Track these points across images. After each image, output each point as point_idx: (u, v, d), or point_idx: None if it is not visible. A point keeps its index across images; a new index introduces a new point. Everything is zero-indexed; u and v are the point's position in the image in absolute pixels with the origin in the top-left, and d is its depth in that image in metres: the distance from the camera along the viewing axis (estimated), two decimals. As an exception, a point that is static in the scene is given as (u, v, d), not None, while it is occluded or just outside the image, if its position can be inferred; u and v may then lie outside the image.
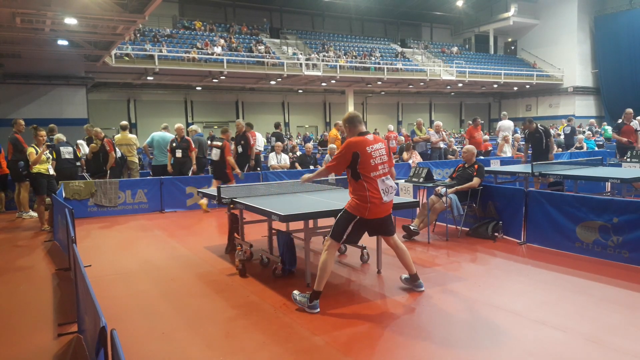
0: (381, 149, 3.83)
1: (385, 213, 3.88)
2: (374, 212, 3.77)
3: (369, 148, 3.75)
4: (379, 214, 3.82)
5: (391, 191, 3.85)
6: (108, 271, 5.00)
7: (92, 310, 2.26)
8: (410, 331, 3.32)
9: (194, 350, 3.13)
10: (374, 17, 32.09)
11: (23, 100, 16.09)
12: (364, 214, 3.76)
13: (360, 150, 3.71)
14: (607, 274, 4.41)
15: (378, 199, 3.76)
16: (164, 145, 9.31)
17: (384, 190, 3.79)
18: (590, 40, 31.71)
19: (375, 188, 3.75)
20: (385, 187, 3.80)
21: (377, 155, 3.78)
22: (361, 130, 3.85)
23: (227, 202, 5.02)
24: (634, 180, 6.34)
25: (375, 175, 3.76)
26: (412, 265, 4.09)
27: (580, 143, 13.42)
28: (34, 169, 7.16)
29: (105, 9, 10.71)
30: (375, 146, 3.79)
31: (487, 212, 6.12)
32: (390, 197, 3.86)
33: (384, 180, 3.81)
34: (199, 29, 25.23)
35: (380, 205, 3.79)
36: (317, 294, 3.72)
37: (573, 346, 3.05)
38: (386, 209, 3.88)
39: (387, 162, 3.88)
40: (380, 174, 3.79)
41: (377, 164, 3.77)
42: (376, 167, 3.77)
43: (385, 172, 3.84)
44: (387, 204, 3.86)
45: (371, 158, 3.74)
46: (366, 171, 3.73)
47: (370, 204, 3.75)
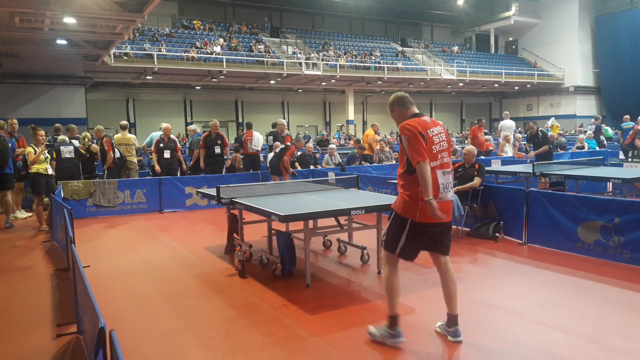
0: (442, 134, 3.13)
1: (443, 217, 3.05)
2: (427, 213, 2.98)
3: (431, 131, 3.06)
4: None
5: (449, 188, 3.12)
6: (107, 271, 4.98)
7: (91, 311, 2.25)
8: (411, 331, 3.30)
9: (193, 351, 3.11)
10: (374, 16, 32.05)
11: (22, 100, 16.07)
12: (414, 216, 3.02)
13: (424, 132, 3.03)
14: (608, 274, 4.40)
15: (435, 196, 2.99)
16: None
17: (443, 185, 3.06)
18: (591, 39, 31.69)
19: (434, 181, 3.00)
20: (445, 181, 3.08)
21: (439, 141, 3.09)
22: (416, 112, 3.21)
23: (227, 202, 5.00)
24: (635, 180, 6.31)
25: (435, 165, 3.04)
26: (456, 303, 3.16)
27: (581, 143, 13.40)
28: (32, 168, 7.13)
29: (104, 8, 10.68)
30: (435, 130, 3.10)
31: (488, 213, 6.10)
32: (447, 196, 3.10)
33: (444, 172, 3.09)
34: (198, 28, 25.20)
35: (439, 205, 2.99)
36: (394, 319, 3.09)
37: (574, 346, 3.04)
38: (444, 212, 3.05)
39: (448, 151, 3.17)
40: (440, 164, 3.07)
41: (438, 152, 3.07)
42: (436, 156, 3.06)
43: (447, 164, 3.13)
44: (445, 203, 3.08)
45: (433, 144, 3.05)
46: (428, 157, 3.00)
47: (421, 204, 2.99)
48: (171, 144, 9.02)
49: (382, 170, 10.48)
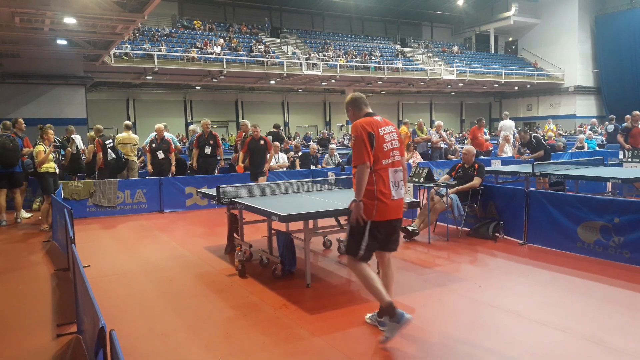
0: (393, 133, 3.21)
1: (395, 215, 3.20)
2: (383, 212, 3.09)
3: (381, 130, 3.14)
4: (388, 215, 3.14)
5: (401, 186, 3.21)
6: (107, 271, 4.98)
7: (91, 311, 2.25)
8: (411, 331, 3.30)
9: (193, 351, 3.11)
10: (374, 17, 32.06)
11: (22, 100, 16.07)
12: (371, 215, 3.10)
13: (374, 131, 3.10)
14: (608, 274, 4.40)
15: (387, 195, 3.09)
16: None
17: (393, 183, 3.15)
18: (591, 39, 31.69)
19: (385, 180, 3.10)
20: (395, 179, 3.16)
21: (390, 140, 3.16)
22: (369, 112, 3.28)
23: (227, 202, 5.00)
24: (635, 180, 6.32)
25: (387, 163, 3.13)
26: (391, 291, 3.26)
27: (581, 143, 13.40)
28: (42, 168, 7.15)
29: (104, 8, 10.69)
30: (387, 129, 3.18)
31: (488, 212, 6.10)
32: (399, 194, 3.20)
33: (395, 171, 3.17)
34: (199, 29, 25.20)
35: (391, 203, 3.13)
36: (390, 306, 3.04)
37: (574, 346, 3.04)
38: (396, 210, 3.19)
39: (400, 149, 3.24)
40: (391, 162, 3.15)
41: (389, 150, 3.14)
42: (388, 154, 3.14)
43: (398, 162, 3.20)
44: (397, 201, 3.19)
45: (384, 142, 3.12)
46: (377, 158, 3.10)
47: (378, 201, 3.08)
48: (164, 145, 9.01)
49: (382, 171, 10.46)
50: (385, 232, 3.19)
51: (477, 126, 11.92)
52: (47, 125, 7.58)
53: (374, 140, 3.09)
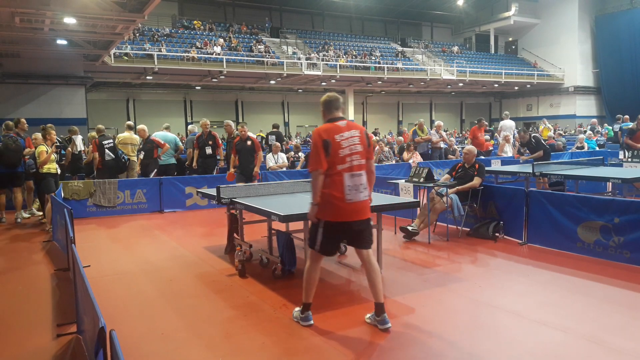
0: (354, 137, 3.29)
1: (354, 216, 3.27)
2: (337, 213, 3.24)
3: (339, 136, 3.25)
4: (344, 217, 3.25)
5: (361, 189, 3.28)
6: (107, 271, 4.98)
7: (91, 311, 2.25)
8: (411, 332, 3.31)
9: (193, 351, 3.11)
10: (374, 17, 32.07)
11: (22, 100, 16.08)
12: (325, 216, 3.26)
13: (330, 138, 3.24)
14: (608, 274, 4.40)
15: (339, 198, 3.22)
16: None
17: (350, 187, 3.24)
18: (591, 39, 31.70)
19: (339, 183, 3.22)
20: (353, 183, 3.25)
21: (347, 145, 3.26)
22: (335, 116, 3.38)
23: (227, 202, 5.00)
24: (635, 180, 6.32)
25: (342, 168, 3.24)
26: (380, 292, 3.33)
27: (581, 143, 13.41)
28: (44, 168, 7.16)
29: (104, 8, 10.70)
30: (346, 134, 3.27)
31: (488, 212, 6.10)
32: (358, 197, 3.27)
33: (353, 175, 3.25)
34: (199, 29, 25.21)
35: (345, 206, 3.23)
36: (307, 306, 3.43)
37: (574, 346, 3.04)
38: (355, 211, 3.27)
39: (361, 154, 3.30)
40: (348, 167, 3.25)
41: (345, 156, 3.24)
42: (344, 160, 3.24)
43: (357, 166, 3.27)
44: (354, 204, 3.26)
45: (340, 148, 3.23)
46: (332, 163, 3.22)
47: (329, 204, 3.24)
48: (147, 145, 8.88)
49: (382, 171, 10.48)
50: (344, 232, 3.34)
51: (477, 126, 11.93)
52: (49, 125, 7.59)
53: (329, 147, 3.22)
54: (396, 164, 11.38)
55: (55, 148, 7.44)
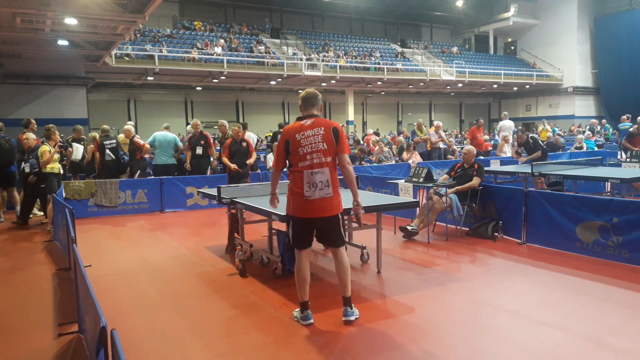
0: (317, 136, 3.31)
1: (314, 213, 3.33)
2: (298, 209, 3.35)
3: (299, 135, 3.32)
4: (305, 213, 3.34)
5: (320, 187, 3.29)
6: (108, 271, 5.00)
7: (92, 310, 2.26)
8: (410, 331, 3.32)
9: (193, 350, 3.13)
10: (374, 17, 32.09)
11: (23, 100, 16.09)
12: (290, 211, 3.42)
13: (291, 137, 3.34)
14: (607, 274, 4.41)
15: (299, 195, 3.31)
16: (165, 145, 9.27)
17: (309, 184, 3.28)
18: (590, 40, 31.71)
19: (299, 180, 3.32)
20: (312, 180, 3.29)
21: (307, 143, 3.30)
22: (306, 114, 3.43)
23: (227, 202, 5.02)
24: (633, 180, 6.34)
25: (302, 165, 3.31)
26: (347, 287, 3.46)
27: (580, 143, 13.43)
28: (46, 168, 7.18)
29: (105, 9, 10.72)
30: (308, 132, 3.31)
31: (487, 212, 6.12)
32: (317, 194, 3.30)
33: (312, 172, 3.29)
34: (199, 29, 25.24)
35: (305, 202, 3.31)
36: (304, 305, 3.47)
37: (573, 346, 3.06)
38: (315, 209, 3.32)
39: (323, 152, 3.31)
40: (308, 164, 3.30)
41: (305, 153, 3.30)
42: (304, 157, 3.30)
43: (318, 164, 3.30)
44: (313, 201, 3.30)
45: (299, 146, 3.31)
46: (293, 161, 3.34)
47: (293, 199, 3.37)
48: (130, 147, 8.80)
49: (381, 171, 10.50)
50: (309, 228, 3.42)
51: (475, 126, 11.95)
52: (50, 125, 7.62)
53: (289, 145, 3.36)
54: (396, 164, 11.40)
55: (58, 148, 7.46)
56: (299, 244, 3.49)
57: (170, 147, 9.20)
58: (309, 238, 3.51)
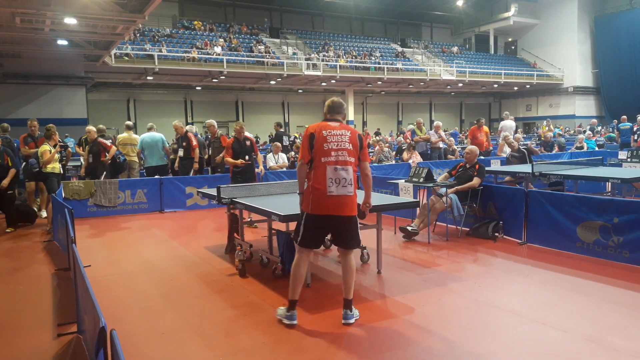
0: (343, 135, 3.38)
1: (333, 211, 3.32)
2: (317, 205, 3.30)
3: (326, 132, 3.36)
4: (324, 210, 3.31)
5: (344, 184, 3.31)
6: (108, 271, 4.99)
7: (91, 310, 2.26)
8: (410, 331, 3.32)
9: (193, 350, 3.12)
10: (374, 17, 32.08)
11: (23, 100, 16.09)
12: (307, 208, 3.35)
13: (316, 132, 3.37)
14: (607, 274, 4.41)
15: (320, 190, 3.28)
16: (153, 146, 9.21)
17: (332, 180, 3.28)
18: (590, 40, 31.71)
19: (321, 175, 3.29)
20: (335, 176, 3.29)
21: (333, 141, 3.35)
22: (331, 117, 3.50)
23: (227, 202, 5.01)
24: (634, 180, 6.33)
25: (325, 161, 3.31)
26: (350, 290, 3.45)
27: (580, 143, 13.42)
28: (47, 168, 7.17)
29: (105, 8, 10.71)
30: (334, 131, 3.37)
31: (488, 212, 6.11)
32: (341, 191, 3.31)
33: (336, 169, 3.30)
34: (199, 29, 25.22)
35: (325, 199, 3.28)
36: (292, 304, 3.43)
37: (573, 346, 3.05)
38: (336, 206, 3.31)
39: (349, 151, 3.36)
40: (333, 160, 3.31)
41: (330, 149, 3.32)
42: (329, 152, 3.32)
43: (343, 161, 3.33)
44: (336, 198, 3.30)
45: (325, 142, 3.33)
46: (316, 157, 3.32)
47: (313, 195, 3.31)
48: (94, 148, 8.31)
49: (382, 170, 10.49)
50: (326, 226, 3.41)
51: (476, 126, 11.94)
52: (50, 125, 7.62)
53: (313, 140, 3.35)
54: (396, 164, 11.40)
55: (59, 148, 7.46)
56: (308, 242, 3.44)
57: (158, 147, 9.14)
58: (321, 238, 3.51)
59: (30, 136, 8.09)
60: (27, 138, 8.07)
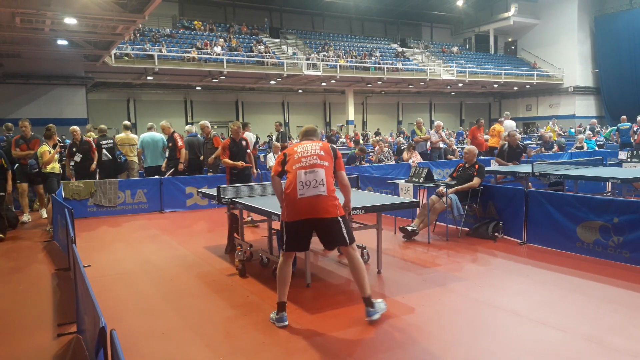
0: (315, 147, 3.45)
1: (307, 214, 3.29)
2: (291, 210, 3.32)
3: (298, 147, 3.49)
4: (298, 214, 3.30)
5: (314, 184, 3.28)
6: (108, 271, 4.99)
7: (91, 310, 2.26)
8: (410, 331, 3.32)
9: (193, 350, 3.12)
10: (374, 17, 32.07)
11: (23, 100, 16.09)
12: (284, 217, 3.40)
13: (289, 150, 3.53)
14: (607, 274, 4.41)
15: (291, 195, 3.29)
16: (153, 146, 9.21)
17: (302, 183, 3.27)
18: (590, 40, 31.71)
19: (292, 180, 3.31)
20: (306, 179, 3.28)
21: (304, 150, 3.43)
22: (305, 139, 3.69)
23: (227, 202, 5.01)
24: (634, 180, 6.33)
25: (297, 167, 3.34)
26: (363, 286, 3.40)
27: (580, 143, 13.42)
28: (47, 168, 7.17)
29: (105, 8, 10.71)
30: (307, 146, 3.47)
31: (488, 212, 6.11)
32: (311, 192, 3.27)
33: (306, 172, 3.31)
34: (199, 29, 25.22)
35: (297, 202, 3.28)
36: (281, 305, 3.44)
37: (573, 346, 3.05)
38: (308, 208, 3.28)
39: (319, 156, 3.39)
40: (304, 165, 3.33)
41: (301, 157, 3.38)
42: (299, 160, 3.37)
43: (313, 164, 3.33)
44: (307, 200, 3.27)
45: (296, 153, 3.42)
46: (289, 166, 3.40)
47: (286, 202, 3.35)
48: (84, 147, 8.19)
49: (382, 171, 10.49)
50: (306, 230, 3.41)
51: (476, 126, 11.94)
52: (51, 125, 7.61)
53: (286, 156, 3.48)
54: (396, 164, 11.39)
55: (59, 148, 7.46)
56: (293, 247, 3.47)
57: (158, 147, 9.14)
58: (304, 243, 3.50)
59: (23, 138, 7.93)
60: (19, 140, 7.78)
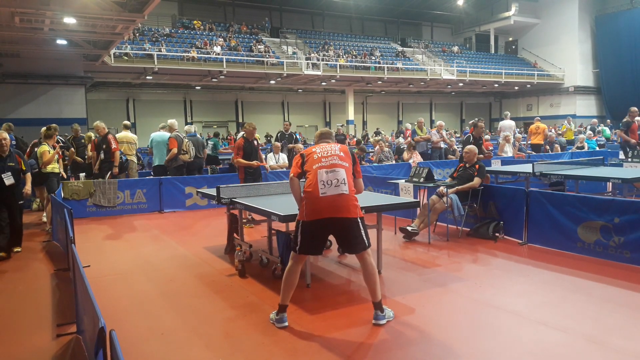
0: (334, 148, 3.46)
1: (329, 213, 3.25)
2: (312, 209, 3.26)
3: (317, 148, 3.51)
4: (319, 213, 3.26)
5: (336, 184, 3.27)
6: (107, 271, 4.98)
7: (91, 311, 2.25)
8: (411, 331, 3.31)
9: (193, 351, 3.11)
10: (374, 16, 32.04)
11: (22, 100, 16.08)
12: (302, 216, 3.34)
13: (306, 151, 3.53)
14: (608, 274, 4.40)
15: (313, 193, 3.24)
16: (162, 146, 9.21)
17: (324, 182, 3.25)
18: (591, 39, 31.68)
19: (313, 179, 3.29)
20: (327, 178, 3.27)
21: (324, 150, 3.43)
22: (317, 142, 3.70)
23: (227, 202, 5.00)
24: (635, 180, 6.32)
25: (317, 166, 3.33)
26: (375, 292, 3.39)
27: (581, 143, 13.42)
28: (47, 168, 7.15)
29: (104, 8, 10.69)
30: (326, 147, 3.49)
31: (488, 212, 6.10)
32: (333, 190, 3.25)
33: (328, 171, 3.30)
34: (198, 29, 25.19)
35: (319, 200, 3.24)
36: (282, 308, 3.43)
37: (574, 346, 3.04)
38: (330, 207, 3.25)
39: (340, 157, 3.40)
40: (325, 165, 3.33)
41: (321, 157, 3.38)
42: (319, 160, 3.37)
43: (334, 164, 3.33)
44: (329, 198, 3.24)
45: (315, 154, 3.42)
46: (309, 166, 3.39)
47: (306, 200, 3.29)
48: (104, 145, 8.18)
49: (382, 170, 10.48)
50: (323, 232, 3.38)
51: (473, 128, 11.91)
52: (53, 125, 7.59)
53: (304, 157, 3.47)
54: (396, 163, 11.38)
55: (60, 148, 7.45)
56: (307, 250, 3.39)
57: (166, 147, 9.13)
58: (320, 245, 3.44)
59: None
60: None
